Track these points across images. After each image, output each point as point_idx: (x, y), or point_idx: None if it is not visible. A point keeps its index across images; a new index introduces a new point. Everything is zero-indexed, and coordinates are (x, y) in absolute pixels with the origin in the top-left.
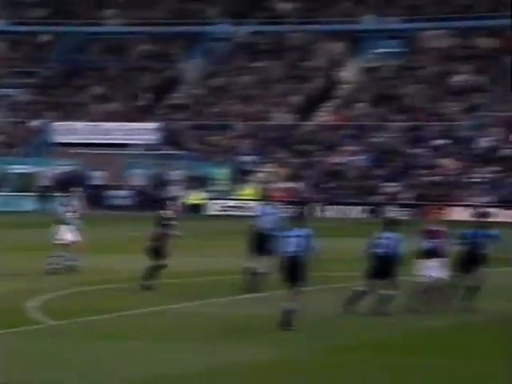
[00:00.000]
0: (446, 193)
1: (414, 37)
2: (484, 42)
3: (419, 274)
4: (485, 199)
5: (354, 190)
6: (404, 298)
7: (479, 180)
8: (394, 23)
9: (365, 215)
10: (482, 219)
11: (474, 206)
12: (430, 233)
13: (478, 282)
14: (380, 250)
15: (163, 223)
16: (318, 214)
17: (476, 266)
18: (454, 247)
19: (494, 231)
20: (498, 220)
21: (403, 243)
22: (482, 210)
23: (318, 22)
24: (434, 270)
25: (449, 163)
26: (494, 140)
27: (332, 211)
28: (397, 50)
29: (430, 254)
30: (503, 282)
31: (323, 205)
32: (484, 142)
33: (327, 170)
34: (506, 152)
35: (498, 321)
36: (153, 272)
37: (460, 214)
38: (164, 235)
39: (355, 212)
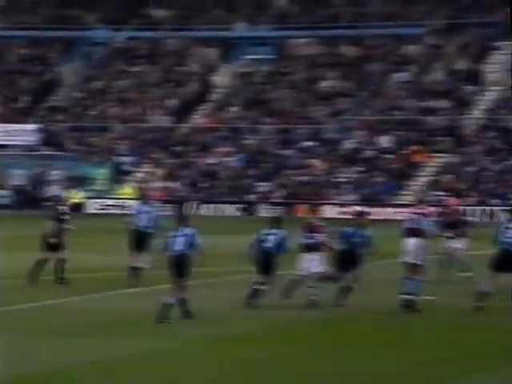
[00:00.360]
0: (315, 192)
1: (283, 44)
2: (348, 50)
3: (299, 267)
4: (350, 198)
5: (229, 189)
6: (279, 291)
7: (345, 180)
8: (264, 31)
9: (239, 213)
10: (357, 218)
11: (340, 205)
12: (310, 228)
13: (353, 281)
14: (267, 245)
15: (60, 218)
16: (194, 212)
17: (353, 264)
18: (334, 244)
19: (368, 231)
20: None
21: (288, 239)
22: (359, 208)
23: (192, 29)
24: (313, 263)
25: (317, 164)
26: (358, 142)
27: (207, 209)
28: (267, 57)
29: (311, 248)
30: (373, 277)
31: (199, 203)
32: (349, 144)
33: (202, 170)
34: (369, 153)
35: (364, 314)
36: (40, 267)
37: (327, 211)
38: (61, 229)
39: (229, 210)
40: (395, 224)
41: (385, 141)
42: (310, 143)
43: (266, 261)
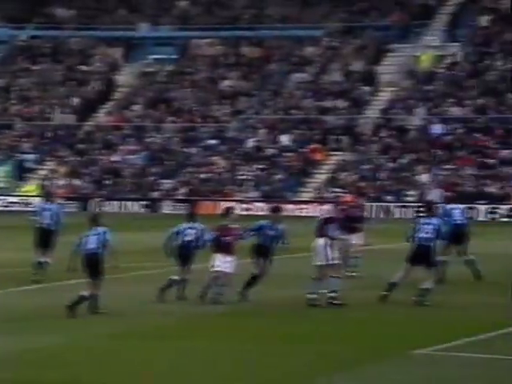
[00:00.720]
0: (217, 189)
1: (186, 44)
2: (249, 51)
3: (212, 266)
4: (252, 194)
5: (133, 186)
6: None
7: (246, 177)
8: (167, 31)
9: (142, 210)
10: (274, 213)
11: (242, 201)
12: (223, 229)
13: (262, 272)
14: (186, 239)
15: None
16: (98, 209)
17: (266, 257)
18: (249, 239)
19: (281, 225)
20: (264, 213)
21: (206, 233)
22: (275, 204)
23: (95, 29)
24: (224, 263)
25: (219, 161)
26: (259, 140)
27: (111, 206)
28: (170, 57)
29: (222, 248)
30: (276, 270)
31: (102, 200)
32: (250, 142)
33: (106, 167)
34: (270, 151)
35: (267, 306)
36: None
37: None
38: None
39: (133, 207)
40: (296, 220)
41: (285, 139)
42: (213, 141)
43: (185, 254)
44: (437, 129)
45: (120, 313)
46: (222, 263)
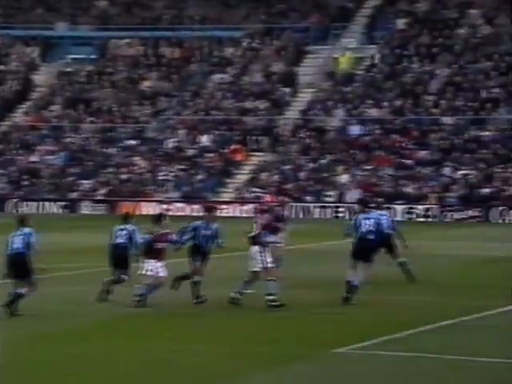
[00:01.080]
0: (138, 189)
1: (105, 44)
2: (169, 51)
3: (144, 270)
4: (172, 195)
5: (51, 186)
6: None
7: (167, 178)
8: (85, 31)
9: (61, 211)
10: (208, 213)
11: (162, 202)
12: (156, 235)
13: (197, 273)
14: (119, 241)
15: None
16: (17, 209)
17: (203, 257)
18: (185, 245)
19: (216, 225)
20: (184, 214)
21: (138, 234)
22: (209, 204)
23: (12, 28)
24: (156, 268)
25: (139, 162)
26: (180, 141)
27: (29, 207)
28: (89, 57)
29: (154, 254)
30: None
31: (20, 201)
32: (171, 143)
33: (24, 168)
34: (190, 152)
35: (191, 306)
36: None
37: (150, 208)
38: None
39: (52, 208)
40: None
41: (205, 140)
42: (133, 142)
43: (116, 256)
44: (355, 130)
45: (41, 314)
46: (154, 268)
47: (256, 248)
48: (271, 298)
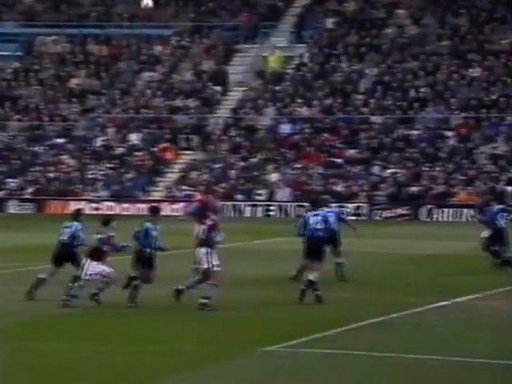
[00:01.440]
0: (66, 188)
1: (31, 41)
2: (97, 49)
3: (84, 273)
4: (101, 194)
5: None
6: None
7: (96, 176)
8: (11, 28)
9: None
10: (154, 214)
11: (91, 201)
12: (104, 237)
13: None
14: (62, 238)
15: None
16: None
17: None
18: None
19: (159, 226)
20: (114, 212)
21: (82, 232)
22: (153, 204)
23: None
24: (99, 269)
25: (67, 160)
26: (109, 139)
27: None
28: (15, 54)
29: (98, 256)
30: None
31: None
32: (100, 141)
33: None
34: (120, 150)
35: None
36: None
37: (79, 207)
38: None
39: None
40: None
41: (135, 138)
42: (61, 140)
43: (60, 253)
44: (285, 128)
45: None
46: (97, 269)
47: (203, 249)
48: (205, 301)
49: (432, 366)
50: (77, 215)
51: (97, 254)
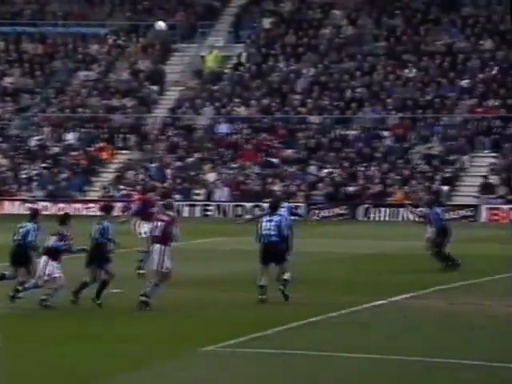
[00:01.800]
0: (0, 188)
1: None
2: (31, 47)
3: (47, 269)
4: (36, 194)
5: None
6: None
7: (30, 176)
8: None
9: None
10: (107, 213)
11: (26, 201)
12: (59, 235)
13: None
14: (16, 238)
15: None
16: None
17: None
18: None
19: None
20: (49, 213)
21: (34, 232)
22: (106, 203)
23: None
24: (54, 268)
25: (1, 160)
26: (43, 139)
27: None
28: None
29: (55, 254)
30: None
31: None
32: (34, 141)
33: None
34: (55, 150)
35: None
36: None
37: (12, 207)
38: None
39: None
40: (84, 219)
41: (70, 137)
42: None
43: (13, 253)
44: (223, 128)
45: None
46: (55, 271)
47: (157, 247)
48: (145, 299)
49: (368, 364)
50: (34, 215)
51: (53, 254)
